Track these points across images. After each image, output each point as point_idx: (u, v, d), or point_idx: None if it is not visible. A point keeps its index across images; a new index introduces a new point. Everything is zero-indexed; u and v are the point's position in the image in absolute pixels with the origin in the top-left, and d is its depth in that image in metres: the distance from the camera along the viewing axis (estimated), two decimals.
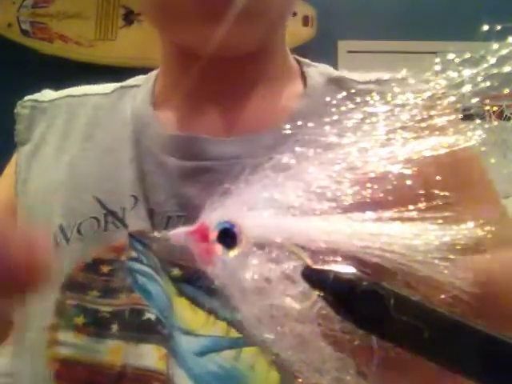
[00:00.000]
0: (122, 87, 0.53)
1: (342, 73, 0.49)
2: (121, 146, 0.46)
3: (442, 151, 0.26)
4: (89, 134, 0.49)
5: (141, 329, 0.40)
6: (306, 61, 0.51)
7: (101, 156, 0.47)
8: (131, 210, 0.43)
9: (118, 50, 2.14)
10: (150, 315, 0.40)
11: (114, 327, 0.40)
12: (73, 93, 0.54)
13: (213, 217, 0.24)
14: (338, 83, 0.48)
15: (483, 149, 0.25)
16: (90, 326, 0.40)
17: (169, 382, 0.38)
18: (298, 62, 0.51)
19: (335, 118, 0.27)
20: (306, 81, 0.48)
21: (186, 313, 0.40)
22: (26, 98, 0.55)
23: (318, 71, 0.50)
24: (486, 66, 0.25)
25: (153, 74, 0.53)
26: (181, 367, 0.39)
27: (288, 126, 0.44)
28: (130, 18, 2.03)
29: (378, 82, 0.47)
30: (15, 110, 0.54)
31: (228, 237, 0.23)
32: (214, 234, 0.23)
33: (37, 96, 0.55)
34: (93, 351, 0.40)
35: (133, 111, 0.49)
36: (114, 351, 0.39)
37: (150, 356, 0.39)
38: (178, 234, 0.22)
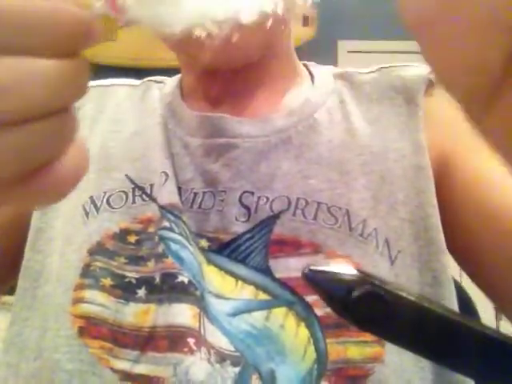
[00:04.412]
0: (149, 80, 0.56)
1: (345, 69, 0.54)
2: (150, 129, 0.49)
3: None
4: (118, 118, 0.52)
5: (174, 290, 0.41)
6: (312, 63, 0.55)
7: (130, 138, 0.50)
8: (162, 185, 0.45)
9: (117, 50, 2.14)
10: (183, 278, 0.41)
11: (141, 292, 0.41)
12: (102, 83, 0.57)
13: None
14: (341, 76, 0.52)
15: None
16: (117, 288, 0.42)
17: (201, 337, 0.40)
18: (305, 65, 0.55)
19: None
20: (314, 78, 0.52)
21: (215, 279, 0.42)
22: None
23: (323, 71, 0.54)
24: None
25: (178, 76, 0.56)
26: (214, 325, 0.41)
27: (296, 111, 0.46)
28: None
29: (379, 70, 0.52)
30: None
31: None
32: None
33: None
34: (118, 312, 0.41)
35: (161, 99, 0.52)
36: (141, 314, 0.41)
37: (182, 314, 0.40)
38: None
